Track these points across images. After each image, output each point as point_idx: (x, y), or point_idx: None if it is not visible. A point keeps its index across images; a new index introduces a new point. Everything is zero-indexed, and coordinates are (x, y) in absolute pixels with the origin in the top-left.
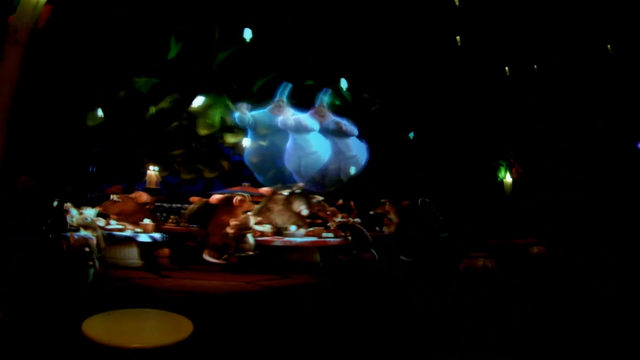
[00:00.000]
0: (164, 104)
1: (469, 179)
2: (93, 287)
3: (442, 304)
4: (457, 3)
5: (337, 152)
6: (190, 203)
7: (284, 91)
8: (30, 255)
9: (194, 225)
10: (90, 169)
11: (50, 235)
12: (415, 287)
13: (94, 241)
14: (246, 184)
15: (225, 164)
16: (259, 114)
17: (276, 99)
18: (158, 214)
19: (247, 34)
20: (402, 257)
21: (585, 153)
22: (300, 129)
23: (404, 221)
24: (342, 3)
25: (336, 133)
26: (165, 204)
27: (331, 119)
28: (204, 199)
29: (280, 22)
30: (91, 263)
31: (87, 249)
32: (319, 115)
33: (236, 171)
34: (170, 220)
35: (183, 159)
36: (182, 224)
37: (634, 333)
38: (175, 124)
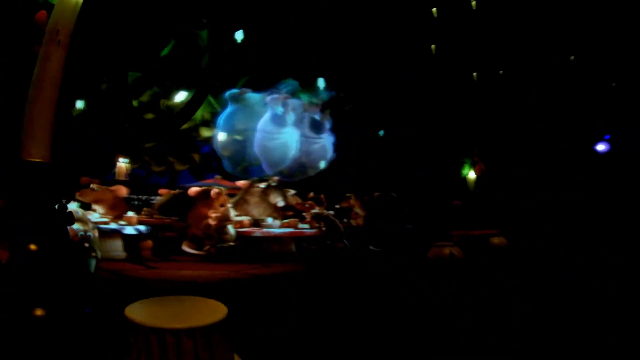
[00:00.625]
0: (144, 97)
1: (435, 175)
2: (94, 278)
3: (434, 299)
4: (435, 15)
5: (306, 144)
6: (159, 195)
7: (287, 87)
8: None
9: (168, 217)
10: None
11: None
12: (407, 282)
13: (96, 233)
14: (218, 176)
15: (196, 156)
16: (256, 96)
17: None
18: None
19: (239, 35)
20: (371, 247)
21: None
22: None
23: (370, 214)
24: (322, 5)
25: (310, 126)
26: (133, 196)
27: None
28: (173, 191)
29: (267, 24)
30: (93, 254)
31: (86, 245)
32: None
33: (206, 164)
34: (143, 213)
35: (154, 151)
36: (155, 216)
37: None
38: (149, 116)
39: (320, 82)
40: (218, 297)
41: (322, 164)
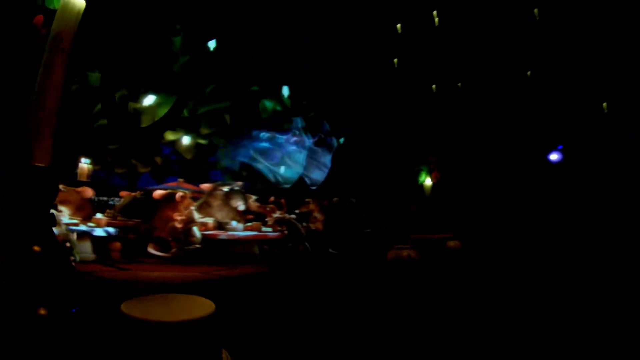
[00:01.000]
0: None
1: (394, 182)
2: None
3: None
4: (399, 31)
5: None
6: (120, 197)
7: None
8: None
9: (130, 219)
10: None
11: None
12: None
13: (74, 236)
14: (181, 179)
15: (158, 159)
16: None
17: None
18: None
19: (212, 43)
20: (330, 249)
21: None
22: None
23: (329, 218)
24: (290, 14)
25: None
26: (94, 197)
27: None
28: (134, 193)
29: (236, 32)
30: (72, 258)
31: (68, 244)
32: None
33: (167, 167)
34: (105, 214)
35: (117, 153)
36: (119, 218)
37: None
38: (103, 122)
39: (285, 90)
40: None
41: (319, 176)
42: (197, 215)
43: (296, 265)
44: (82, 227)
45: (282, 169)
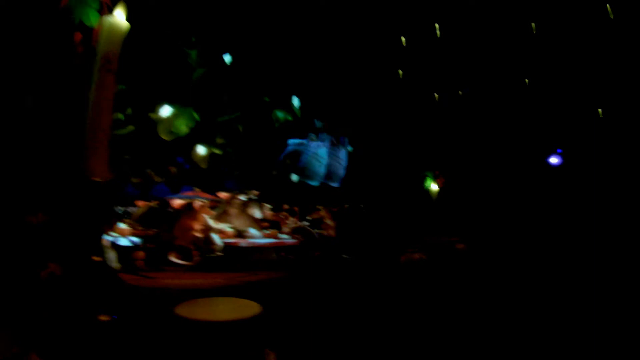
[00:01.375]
0: (129, 110)
1: (403, 188)
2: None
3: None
4: (404, 44)
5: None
6: (136, 206)
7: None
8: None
9: (149, 229)
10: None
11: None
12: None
13: (108, 244)
14: (197, 189)
15: (172, 169)
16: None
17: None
18: None
19: (227, 57)
20: (343, 255)
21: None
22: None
23: (341, 225)
24: (296, 27)
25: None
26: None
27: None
28: (149, 203)
29: (248, 45)
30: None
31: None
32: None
33: (182, 177)
34: (126, 224)
35: (133, 163)
36: (139, 228)
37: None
38: (130, 128)
39: (295, 101)
40: None
41: (342, 171)
42: (216, 224)
43: (314, 270)
44: (107, 237)
45: (316, 166)
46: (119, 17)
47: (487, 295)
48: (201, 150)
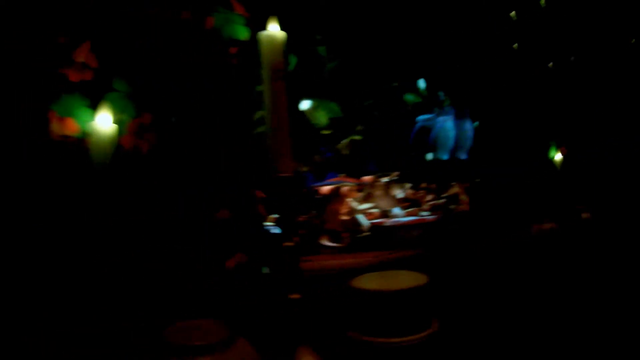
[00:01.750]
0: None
1: (528, 158)
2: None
3: None
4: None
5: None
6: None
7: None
8: None
9: (301, 216)
10: None
11: None
12: None
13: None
14: (342, 174)
15: (317, 157)
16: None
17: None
18: None
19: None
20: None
21: None
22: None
23: (475, 200)
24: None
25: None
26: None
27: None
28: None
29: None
30: None
31: None
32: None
33: (325, 165)
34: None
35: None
36: None
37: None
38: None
39: (421, 82)
40: None
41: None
42: (362, 206)
43: (452, 246)
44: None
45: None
46: (274, 29)
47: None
48: (306, 105)
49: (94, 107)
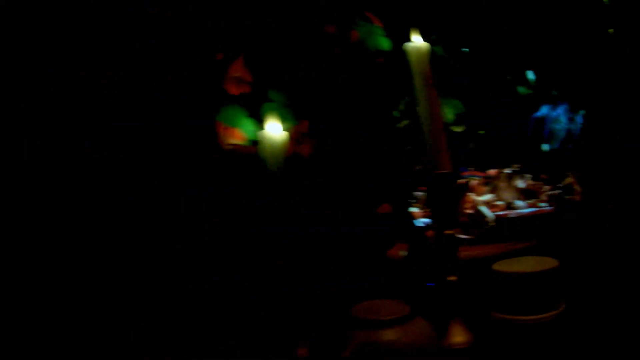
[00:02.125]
0: (401, 106)
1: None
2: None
3: None
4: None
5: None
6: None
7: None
8: None
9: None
10: None
11: None
12: None
13: None
14: (471, 168)
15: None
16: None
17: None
18: None
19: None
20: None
21: None
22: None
23: (587, 190)
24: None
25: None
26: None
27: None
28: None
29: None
30: None
31: None
32: None
33: (458, 158)
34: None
35: (414, 152)
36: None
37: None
38: (405, 122)
39: (530, 74)
40: None
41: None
42: (488, 198)
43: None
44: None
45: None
46: (418, 40)
47: None
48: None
49: (251, 116)
